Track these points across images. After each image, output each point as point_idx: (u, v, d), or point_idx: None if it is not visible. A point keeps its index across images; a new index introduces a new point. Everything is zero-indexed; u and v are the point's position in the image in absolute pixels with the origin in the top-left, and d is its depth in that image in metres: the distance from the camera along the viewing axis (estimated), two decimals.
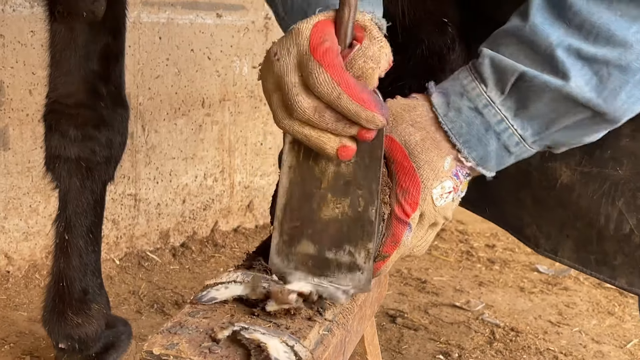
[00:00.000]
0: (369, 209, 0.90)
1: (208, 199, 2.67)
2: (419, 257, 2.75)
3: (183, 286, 2.30)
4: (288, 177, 0.93)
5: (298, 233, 0.93)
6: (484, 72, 0.93)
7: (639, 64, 0.90)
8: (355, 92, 0.83)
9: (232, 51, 2.63)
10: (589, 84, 0.90)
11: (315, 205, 0.92)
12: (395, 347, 2.01)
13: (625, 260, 1.16)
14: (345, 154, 0.87)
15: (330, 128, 0.85)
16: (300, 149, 0.91)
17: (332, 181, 0.91)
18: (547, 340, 2.13)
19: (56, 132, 1.44)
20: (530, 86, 0.91)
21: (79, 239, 1.46)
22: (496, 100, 0.93)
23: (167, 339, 0.79)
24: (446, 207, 0.97)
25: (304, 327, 0.84)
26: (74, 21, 1.39)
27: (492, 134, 0.94)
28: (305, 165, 0.92)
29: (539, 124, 0.94)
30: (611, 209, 1.14)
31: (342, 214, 0.91)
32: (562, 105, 0.91)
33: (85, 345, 1.50)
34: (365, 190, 0.90)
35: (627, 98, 0.91)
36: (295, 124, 0.86)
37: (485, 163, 0.96)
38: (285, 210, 0.93)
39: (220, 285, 0.92)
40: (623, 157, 1.12)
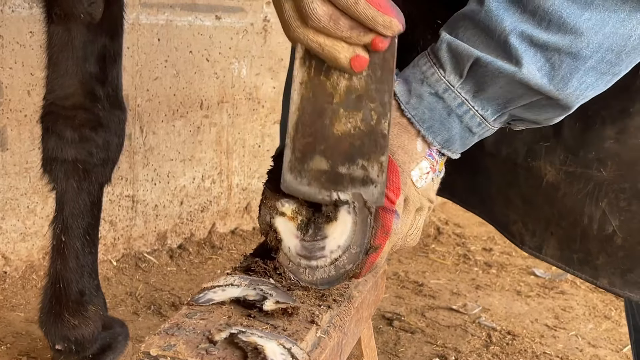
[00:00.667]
0: (382, 121, 0.89)
1: (206, 200, 2.67)
2: (416, 260, 2.75)
3: (180, 288, 2.30)
4: (299, 93, 0.91)
5: (310, 149, 0.92)
6: (441, 57, 0.94)
7: (589, 51, 0.91)
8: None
9: (230, 53, 2.64)
10: (541, 71, 0.91)
11: (328, 121, 0.91)
12: (392, 350, 2.01)
13: (607, 260, 1.17)
14: (358, 64, 0.86)
15: (344, 36, 0.84)
16: (311, 64, 0.90)
17: (344, 95, 0.90)
18: (544, 344, 2.13)
19: (53, 134, 1.44)
20: (485, 71, 0.92)
21: (75, 240, 1.46)
22: (455, 84, 0.94)
23: (164, 340, 0.79)
24: (427, 189, 0.98)
25: (300, 329, 0.84)
26: (72, 23, 1.38)
27: (455, 117, 0.95)
28: (317, 80, 0.90)
29: (497, 104, 0.95)
30: (595, 209, 1.15)
31: (354, 128, 0.91)
32: (517, 89, 0.92)
33: (81, 347, 1.50)
34: (377, 103, 0.89)
35: (578, 84, 0.92)
36: (310, 32, 0.85)
37: (450, 145, 0.97)
38: (297, 126, 0.92)
39: (218, 287, 0.92)
40: (607, 158, 1.13)
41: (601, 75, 0.93)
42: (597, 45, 0.91)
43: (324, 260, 0.93)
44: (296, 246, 0.94)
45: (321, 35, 0.85)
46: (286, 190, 0.94)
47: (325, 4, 0.84)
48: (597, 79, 0.93)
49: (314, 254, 0.94)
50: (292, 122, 0.92)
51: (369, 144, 0.91)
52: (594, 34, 0.90)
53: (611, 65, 0.93)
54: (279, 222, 0.95)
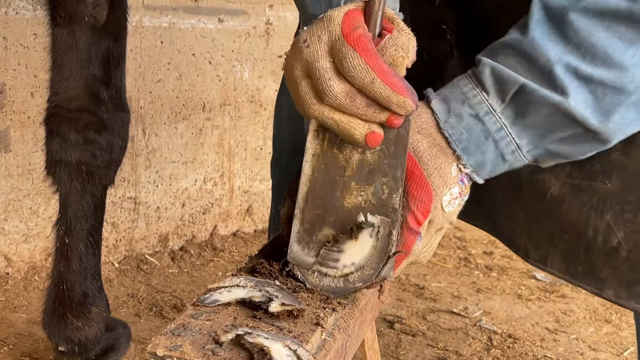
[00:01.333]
0: (393, 196, 0.90)
1: (207, 203, 2.67)
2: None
3: (182, 290, 2.30)
4: (311, 165, 0.92)
5: (320, 221, 0.93)
6: (485, 80, 0.94)
7: (633, 87, 0.91)
8: (388, 77, 0.84)
9: (233, 56, 2.64)
10: (586, 102, 0.91)
11: (339, 193, 0.92)
12: (393, 353, 2.01)
13: (612, 273, 1.17)
14: (373, 140, 0.87)
15: (360, 113, 0.86)
16: (325, 137, 0.91)
17: (356, 169, 0.91)
18: (544, 347, 2.13)
19: (57, 136, 1.44)
20: (529, 98, 0.92)
21: (79, 242, 1.46)
22: (497, 109, 0.94)
23: (170, 340, 0.79)
24: (453, 213, 0.98)
25: (305, 330, 0.85)
26: (76, 25, 1.39)
27: (491, 142, 0.95)
28: (329, 153, 0.91)
29: (535, 134, 0.95)
30: (599, 221, 1.15)
31: (365, 202, 0.91)
32: (559, 119, 0.93)
33: (85, 348, 1.51)
34: (390, 177, 0.90)
35: (621, 119, 0.93)
36: (326, 109, 0.86)
37: (481, 170, 0.97)
38: (307, 198, 0.93)
39: (223, 289, 0.92)
40: (612, 170, 1.13)
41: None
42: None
43: (334, 271, 0.94)
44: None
45: (337, 112, 0.86)
46: (293, 261, 0.95)
47: (342, 82, 0.85)
48: (639, 114, 0.93)
49: (326, 261, 0.94)
50: (303, 193, 0.93)
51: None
52: (638, 70, 0.90)
53: None
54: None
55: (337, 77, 0.85)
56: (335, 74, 0.85)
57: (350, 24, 0.85)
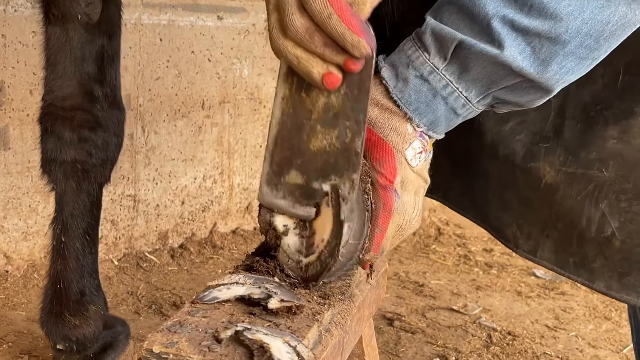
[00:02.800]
0: (356, 140, 0.91)
1: (207, 200, 2.67)
2: (417, 261, 2.76)
3: (181, 287, 2.30)
4: (280, 108, 0.94)
5: (287, 163, 0.94)
6: (426, 41, 0.96)
7: (568, 36, 0.93)
8: (345, 14, 0.85)
9: (232, 53, 2.64)
10: (523, 54, 0.93)
11: (305, 136, 0.93)
12: (393, 350, 2.01)
13: (604, 263, 1.17)
14: (329, 81, 0.88)
15: (318, 52, 0.87)
16: (293, 80, 0.92)
17: (322, 113, 0.92)
18: (544, 345, 2.13)
19: (52, 135, 1.44)
20: (468, 53, 0.94)
21: (75, 241, 1.46)
22: (439, 67, 0.96)
23: (167, 337, 0.79)
24: (422, 168, 1.00)
25: (302, 327, 0.84)
26: (69, 24, 1.38)
27: (440, 99, 0.97)
28: (297, 96, 0.93)
29: (481, 85, 0.97)
30: (594, 210, 1.15)
31: (329, 145, 0.92)
32: (499, 71, 0.94)
33: (83, 346, 1.50)
34: (352, 121, 0.91)
35: (558, 68, 0.95)
36: (289, 44, 0.88)
37: (435, 127, 0.99)
38: (276, 140, 0.94)
39: (223, 286, 0.92)
40: (609, 158, 1.13)
41: (580, 60, 0.95)
42: (576, 31, 0.93)
43: (313, 256, 0.94)
44: (295, 243, 0.95)
45: (299, 48, 0.88)
46: (262, 202, 0.96)
47: (303, 17, 0.86)
48: (576, 63, 0.95)
49: (312, 249, 0.94)
50: (272, 135, 0.95)
51: (342, 161, 0.92)
52: (573, 20, 0.92)
53: (590, 50, 0.95)
54: (278, 220, 0.96)
55: (300, 12, 0.86)
56: (298, 9, 0.86)
57: None
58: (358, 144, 0.91)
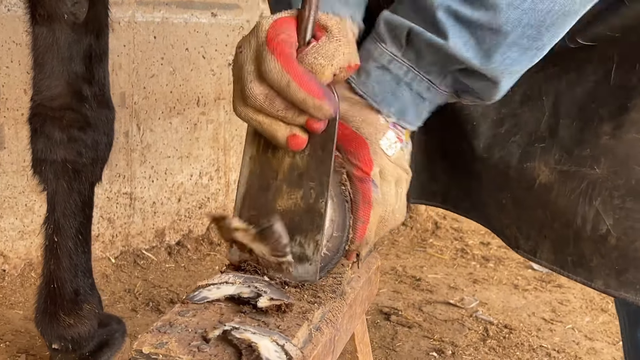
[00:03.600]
0: (319, 200, 0.92)
1: (203, 197, 2.67)
2: (414, 255, 2.76)
3: (178, 284, 2.31)
4: (248, 168, 0.96)
5: (255, 222, 0.94)
6: (380, 31, 0.97)
7: (509, 27, 0.93)
8: (303, 80, 0.86)
9: (227, 50, 2.64)
10: (467, 45, 0.93)
11: (271, 196, 0.95)
12: (389, 345, 2.02)
13: (601, 262, 1.17)
14: (294, 142, 0.90)
15: (280, 116, 0.88)
16: (260, 141, 0.94)
17: (287, 173, 0.94)
18: (540, 337, 2.14)
19: (41, 135, 1.44)
20: (419, 40, 0.94)
21: (68, 240, 1.47)
22: (397, 54, 0.96)
23: (156, 337, 0.79)
24: (399, 157, 0.99)
25: (292, 325, 0.85)
26: (56, 23, 1.38)
27: (404, 85, 0.97)
28: (264, 156, 0.95)
29: (438, 69, 0.97)
30: (588, 208, 1.15)
31: (294, 205, 0.94)
32: (447, 60, 0.95)
33: (78, 345, 1.51)
34: (317, 182, 0.92)
35: (502, 59, 0.94)
36: (250, 111, 0.89)
37: (404, 115, 0.99)
38: (244, 199, 0.96)
39: (212, 285, 0.92)
40: (601, 155, 1.13)
41: (524, 50, 0.95)
42: (517, 21, 0.93)
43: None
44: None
45: (260, 114, 0.89)
46: (231, 261, 0.98)
47: (262, 84, 0.87)
48: (520, 54, 0.95)
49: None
50: (240, 194, 0.96)
51: (307, 222, 0.93)
52: (513, 10, 0.92)
53: (533, 40, 0.95)
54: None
55: (259, 80, 0.88)
56: (257, 78, 0.88)
57: (276, 30, 0.89)
58: (322, 204, 0.92)
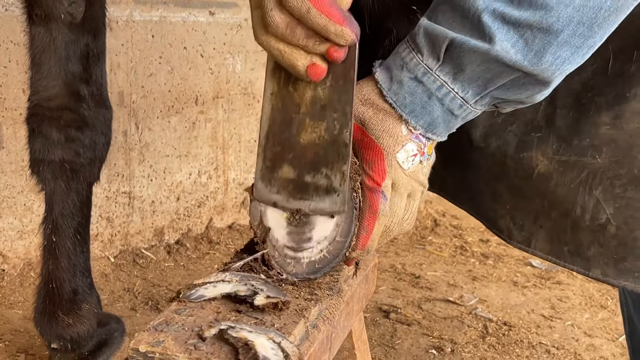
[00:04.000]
0: (344, 131, 0.92)
1: (202, 196, 2.67)
2: (413, 253, 2.76)
3: (178, 283, 2.31)
4: (270, 104, 0.95)
5: (279, 158, 0.95)
6: (419, 41, 0.96)
7: (560, 25, 0.92)
8: (324, 6, 0.85)
9: (225, 48, 2.64)
10: (515, 47, 0.92)
11: (295, 130, 0.94)
12: (389, 342, 2.02)
13: (599, 251, 1.17)
14: (314, 72, 0.89)
15: (301, 44, 0.87)
16: (281, 75, 0.93)
17: (310, 106, 0.93)
18: (540, 334, 2.14)
19: (39, 135, 1.44)
20: (461, 51, 0.93)
21: (66, 240, 1.47)
22: (433, 67, 0.95)
23: (153, 336, 0.80)
24: (416, 171, 0.99)
25: (289, 323, 0.85)
26: (52, 23, 1.38)
27: (435, 100, 0.96)
28: (286, 91, 0.94)
29: (478, 85, 0.96)
30: (588, 198, 1.15)
31: (319, 138, 0.93)
32: (494, 67, 0.93)
33: (77, 345, 1.51)
34: (340, 113, 0.92)
35: (553, 59, 0.93)
36: (271, 39, 0.89)
37: (434, 129, 0.98)
38: (267, 136, 0.95)
39: (209, 284, 0.93)
40: (603, 144, 1.13)
41: (576, 48, 0.94)
42: (568, 19, 0.92)
43: (309, 251, 0.95)
44: (283, 237, 0.96)
45: (281, 43, 0.88)
46: (258, 198, 0.97)
47: (283, 12, 0.87)
48: (572, 52, 0.94)
49: (300, 245, 0.95)
50: (264, 131, 0.96)
51: (332, 153, 0.93)
52: (564, 8, 0.91)
53: (584, 38, 0.94)
54: (269, 215, 0.97)
55: (279, 8, 0.87)
56: (277, 5, 0.87)
57: None
58: (346, 135, 0.92)
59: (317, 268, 0.95)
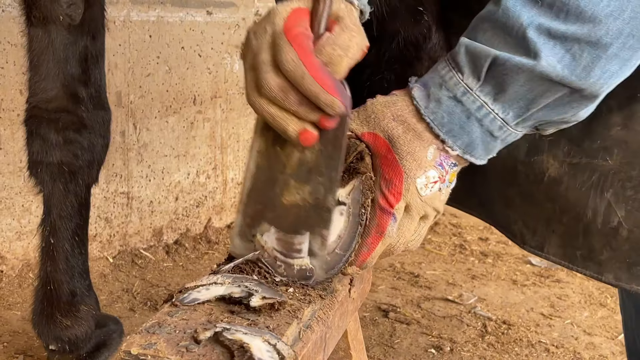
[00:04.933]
0: (328, 197, 0.92)
1: (201, 196, 2.67)
2: (412, 252, 2.76)
3: (176, 283, 2.31)
4: (255, 162, 0.95)
5: (260, 216, 0.95)
6: (459, 60, 0.94)
7: (609, 39, 0.90)
8: (319, 74, 0.85)
9: (223, 48, 2.64)
10: (562, 62, 0.90)
11: (279, 190, 0.94)
12: (388, 342, 2.02)
13: (612, 255, 1.15)
14: (305, 138, 0.88)
15: (293, 110, 0.87)
16: (270, 135, 0.93)
17: (296, 167, 0.93)
18: (539, 333, 2.14)
19: (37, 137, 1.44)
20: (504, 69, 0.91)
21: (64, 242, 1.47)
22: (473, 87, 0.94)
23: (145, 338, 0.79)
24: (433, 198, 0.97)
25: (282, 324, 0.85)
26: (51, 25, 1.38)
27: (474, 121, 0.95)
28: (273, 150, 0.94)
29: (519, 106, 0.94)
30: (599, 201, 1.13)
31: (302, 200, 0.93)
32: (538, 85, 0.92)
33: (75, 346, 1.51)
34: (325, 178, 0.92)
35: (601, 73, 0.91)
36: (263, 101, 0.88)
37: (472, 150, 0.96)
38: (249, 193, 0.95)
39: (202, 287, 0.92)
40: (614, 146, 1.11)
41: (625, 62, 0.92)
42: (617, 32, 0.89)
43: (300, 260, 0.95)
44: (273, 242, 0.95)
45: (273, 106, 0.88)
46: (234, 254, 0.97)
47: (278, 76, 0.86)
48: (621, 66, 0.92)
49: (290, 252, 0.94)
50: (247, 188, 0.95)
51: (314, 217, 0.93)
52: (613, 21, 0.89)
53: (634, 50, 0.91)
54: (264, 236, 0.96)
55: (274, 71, 0.87)
56: (273, 68, 0.87)
57: (294, 21, 0.87)
58: (330, 200, 0.92)
59: (310, 276, 0.95)
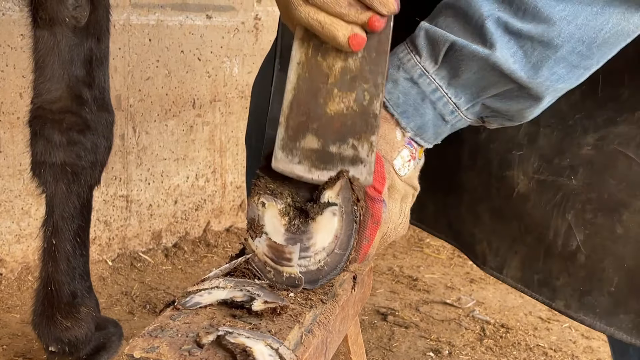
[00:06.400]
0: (374, 102, 0.91)
1: (200, 199, 2.68)
2: (411, 255, 2.76)
3: (175, 286, 2.31)
4: (296, 73, 0.93)
5: (303, 127, 0.94)
6: (418, 43, 0.96)
7: (560, 41, 0.92)
8: None
9: (222, 52, 2.64)
10: (514, 57, 0.93)
11: (322, 100, 0.93)
12: (386, 345, 2.02)
13: (567, 281, 1.15)
14: (356, 42, 0.88)
15: (343, 13, 0.87)
16: (310, 45, 0.92)
17: (339, 76, 0.92)
18: (537, 337, 2.14)
19: (41, 138, 1.45)
20: (460, 55, 0.93)
21: (66, 243, 1.47)
22: (430, 70, 0.96)
23: (147, 342, 0.80)
24: (411, 177, 0.99)
25: (283, 328, 0.85)
26: (57, 27, 1.39)
27: (428, 103, 0.97)
28: (314, 61, 0.93)
29: (471, 92, 0.96)
30: (561, 221, 1.14)
31: (347, 108, 0.93)
32: (489, 75, 0.94)
33: (75, 348, 1.51)
34: (371, 84, 0.91)
35: (549, 74, 0.94)
36: (311, 10, 0.88)
37: (423, 133, 0.98)
38: (291, 105, 0.94)
39: (204, 291, 0.93)
40: (580, 165, 1.13)
41: (572, 67, 0.95)
42: (569, 35, 0.92)
43: (307, 260, 0.95)
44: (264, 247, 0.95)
45: (322, 13, 0.87)
46: (277, 168, 0.95)
47: None
48: (568, 71, 0.95)
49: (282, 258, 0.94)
50: (287, 101, 0.94)
51: (361, 124, 0.92)
52: (566, 24, 0.92)
53: (582, 57, 0.94)
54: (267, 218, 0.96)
55: None
56: None
57: None
58: (376, 106, 0.91)
59: (313, 279, 0.95)
